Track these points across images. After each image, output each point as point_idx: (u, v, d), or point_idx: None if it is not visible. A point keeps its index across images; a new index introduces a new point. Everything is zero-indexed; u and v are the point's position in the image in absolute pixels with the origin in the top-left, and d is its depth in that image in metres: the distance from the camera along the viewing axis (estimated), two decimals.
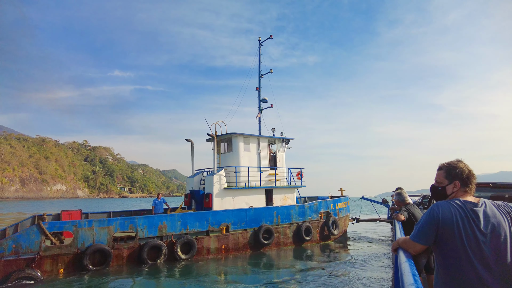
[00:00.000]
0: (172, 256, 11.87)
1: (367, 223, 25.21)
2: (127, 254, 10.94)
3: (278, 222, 15.43)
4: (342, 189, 22.12)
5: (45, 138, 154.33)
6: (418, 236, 2.40)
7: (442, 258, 2.28)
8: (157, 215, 12.13)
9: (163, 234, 11.90)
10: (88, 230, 10.11)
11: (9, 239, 8.82)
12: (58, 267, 9.52)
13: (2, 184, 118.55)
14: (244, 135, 16.97)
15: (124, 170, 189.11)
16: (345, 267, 11.46)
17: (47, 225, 9.38)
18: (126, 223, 11.01)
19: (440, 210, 2.29)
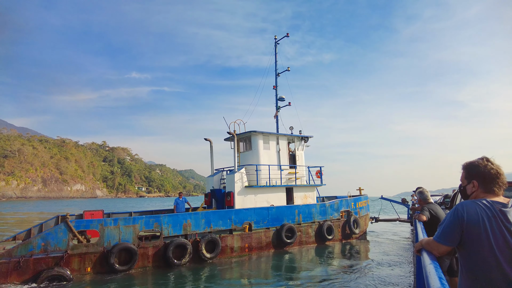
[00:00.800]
0: (197, 255, 11.59)
1: (386, 223, 24.61)
2: (152, 253, 10.69)
3: (300, 221, 15.08)
4: (360, 188, 21.72)
5: (65, 140, 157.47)
6: (443, 237, 2.29)
7: (467, 260, 2.16)
8: (182, 213, 11.89)
9: (188, 232, 11.64)
10: (114, 229, 9.89)
11: (38, 237, 8.65)
12: (86, 266, 9.32)
13: (26, 184, 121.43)
14: (263, 133, 16.63)
15: (141, 170, 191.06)
16: (367, 268, 11.04)
17: (74, 223, 9.21)
18: (151, 222, 10.78)
19: (465, 210, 2.17)
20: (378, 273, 10.17)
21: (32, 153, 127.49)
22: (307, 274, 10.38)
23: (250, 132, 16.30)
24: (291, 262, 12.26)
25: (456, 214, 2.19)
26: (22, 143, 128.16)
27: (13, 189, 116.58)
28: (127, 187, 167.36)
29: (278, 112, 19.25)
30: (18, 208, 55.65)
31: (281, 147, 17.31)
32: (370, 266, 11.28)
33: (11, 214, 41.64)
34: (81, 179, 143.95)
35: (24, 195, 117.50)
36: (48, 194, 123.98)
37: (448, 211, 2.59)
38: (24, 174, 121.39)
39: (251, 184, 15.53)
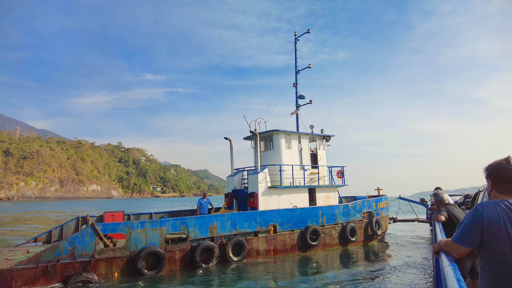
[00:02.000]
0: (224, 258, 11.07)
1: (405, 224, 23.81)
2: (179, 257, 10.16)
3: (323, 223, 14.45)
4: (379, 188, 21.07)
5: (81, 141, 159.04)
6: (461, 238, 2.20)
7: (488, 262, 2.07)
8: (208, 215, 11.33)
9: (214, 235, 11.10)
10: (141, 232, 9.37)
11: (65, 241, 8.18)
12: (113, 271, 8.81)
13: (44, 185, 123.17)
14: (285, 132, 16.01)
15: (156, 170, 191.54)
16: (388, 271, 10.57)
17: (101, 226, 8.73)
18: (178, 224, 10.24)
19: (485, 210, 2.08)
20: (399, 276, 9.73)
21: (50, 154, 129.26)
22: (333, 278, 9.84)
23: (272, 131, 15.70)
24: (317, 265, 11.64)
25: (475, 215, 2.10)
26: (40, 145, 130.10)
27: (32, 190, 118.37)
28: (142, 187, 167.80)
29: (298, 110, 18.59)
30: (38, 208, 56.12)
31: (303, 147, 16.67)
32: (391, 269, 10.83)
33: (30, 213, 41.87)
34: (97, 180, 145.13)
35: (43, 195, 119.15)
36: (65, 195, 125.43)
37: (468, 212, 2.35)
38: (42, 175, 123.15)
39: (274, 184, 14.93)
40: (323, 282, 9.31)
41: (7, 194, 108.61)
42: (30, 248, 9.71)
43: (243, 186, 16.67)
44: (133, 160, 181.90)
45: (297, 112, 18.54)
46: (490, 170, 2.23)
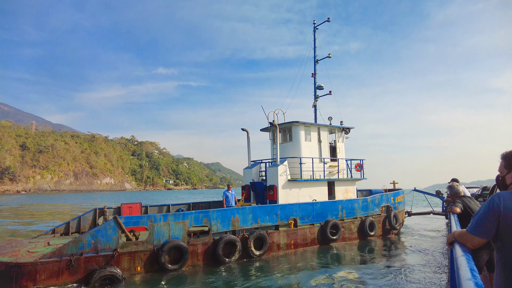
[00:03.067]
0: (246, 252, 10.67)
1: (420, 217, 23.16)
2: (202, 251, 9.77)
3: (343, 217, 14.01)
4: (395, 181, 20.48)
5: (95, 135, 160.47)
6: (476, 229, 2.12)
7: (504, 253, 2.00)
8: (229, 208, 10.92)
9: (236, 228, 10.69)
10: (164, 225, 8.97)
11: (88, 235, 7.83)
12: (136, 265, 8.43)
13: (59, 178, 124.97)
14: (305, 124, 15.46)
15: (169, 163, 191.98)
16: (406, 265, 10.33)
17: (123, 219, 8.37)
18: (200, 217, 9.83)
19: (501, 200, 2.00)
20: (416, 270, 9.49)
21: (64, 148, 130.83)
22: (354, 272, 9.44)
23: (292, 122, 15.16)
24: (338, 260, 11.19)
25: (492, 205, 2.04)
26: (55, 139, 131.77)
27: (47, 183, 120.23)
28: (155, 180, 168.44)
29: (316, 101, 18.00)
30: (54, 200, 56.80)
31: (322, 139, 16.12)
32: (408, 263, 10.59)
33: (47, 205, 42.30)
34: (111, 173, 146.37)
35: (58, 188, 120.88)
36: (79, 187, 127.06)
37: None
38: (57, 168, 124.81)
39: (294, 177, 14.44)
40: (344, 277, 8.86)
41: (24, 187, 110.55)
42: (50, 240, 9.43)
43: (261, 179, 16.25)
44: (146, 154, 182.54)
45: (315, 103, 17.95)
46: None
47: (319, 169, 15.40)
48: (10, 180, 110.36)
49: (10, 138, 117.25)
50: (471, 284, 1.43)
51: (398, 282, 8.20)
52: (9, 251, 7.91)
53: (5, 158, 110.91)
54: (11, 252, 7.73)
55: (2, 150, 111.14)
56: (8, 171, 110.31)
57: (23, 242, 9.17)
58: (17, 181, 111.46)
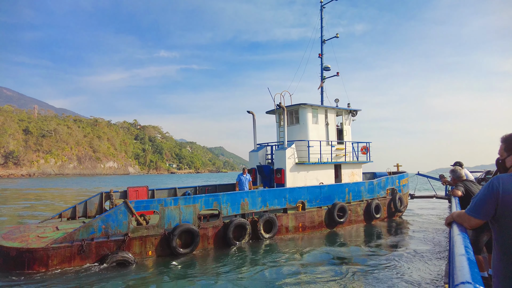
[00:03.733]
0: (255, 235, 10.57)
1: (423, 200, 23.10)
2: (212, 234, 9.63)
3: (349, 200, 13.88)
4: (398, 164, 20.30)
5: (98, 119, 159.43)
6: (475, 210, 2.15)
7: (501, 235, 2.03)
8: (239, 192, 10.70)
9: (245, 211, 10.53)
10: (174, 209, 8.74)
11: (99, 220, 7.62)
12: (147, 249, 8.28)
13: (63, 162, 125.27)
14: (312, 106, 15.08)
15: (172, 147, 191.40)
16: (409, 246, 10.41)
17: (134, 204, 8.15)
18: (210, 201, 9.62)
19: (500, 183, 2.02)
20: (419, 252, 9.43)
21: (67, 133, 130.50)
22: (360, 255, 9.37)
23: (299, 104, 14.78)
24: (345, 243, 11.08)
25: (491, 187, 2.05)
26: (58, 123, 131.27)
27: (51, 167, 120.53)
28: (158, 164, 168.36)
29: (323, 83, 17.54)
30: (58, 184, 56.99)
31: (330, 121, 15.79)
32: (412, 246, 10.46)
33: (52, 189, 42.43)
34: (114, 157, 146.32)
35: (62, 172, 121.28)
36: (83, 171, 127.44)
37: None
38: (60, 153, 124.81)
39: (301, 161, 14.20)
40: (352, 260, 8.78)
41: (29, 171, 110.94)
42: (59, 225, 9.26)
43: (267, 162, 16.03)
44: (149, 138, 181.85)
45: (322, 85, 17.49)
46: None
47: (326, 152, 15.15)
48: (15, 164, 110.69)
49: (13, 123, 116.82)
50: (463, 259, 1.46)
51: (402, 265, 8.14)
52: (18, 236, 7.73)
53: (9, 143, 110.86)
54: (21, 237, 7.55)
55: (5, 134, 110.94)
56: (12, 155, 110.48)
57: (31, 227, 8.96)
58: (21, 165, 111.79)
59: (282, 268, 7.82)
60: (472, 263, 1.41)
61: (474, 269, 1.32)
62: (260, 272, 7.59)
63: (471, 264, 1.39)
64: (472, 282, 1.18)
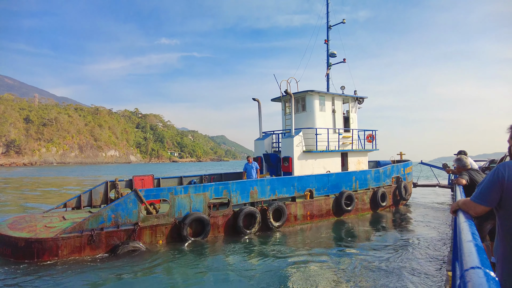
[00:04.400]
0: (265, 224, 10.36)
1: (426, 189, 22.96)
2: (222, 223, 9.40)
3: (356, 188, 13.66)
4: (402, 153, 20.09)
5: (99, 107, 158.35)
6: (480, 197, 2.11)
7: (505, 220, 2.01)
8: (248, 180, 10.43)
9: (254, 200, 10.29)
10: (185, 198, 8.47)
11: (108, 209, 7.34)
12: (157, 239, 8.04)
13: (64, 151, 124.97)
14: (319, 93, 14.72)
15: (174, 136, 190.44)
16: (414, 234, 10.38)
17: (144, 192, 7.87)
18: (220, 189, 9.35)
19: (506, 170, 1.99)
20: (423, 240, 9.42)
21: (68, 121, 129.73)
22: (371, 244, 9.24)
23: (306, 91, 14.39)
24: (353, 232, 10.95)
25: (496, 174, 2.02)
26: (58, 112, 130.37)
27: (53, 156, 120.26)
28: (160, 153, 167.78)
29: (329, 70, 17.11)
30: (60, 173, 56.83)
31: (336, 109, 15.45)
32: (417, 233, 10.45)
33: (53, 178, 42.26)
34: (115, 145, 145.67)
35: (63, 161, 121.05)
36: (84, 160, 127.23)
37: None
38: (62, 141, 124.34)
39: (309, 149, 13.92)
40: (358, 249, 8.60)
41: (30, 159, 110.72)
42: (65, 214, 8.99)
43: (273, 150, 15.76)
44: (150, 126, 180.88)
45: (328, 72, 17.07)
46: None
47: (333, 140, 14.87)
48: (16, 153, 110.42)
49: (14, 111, 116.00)
50: (471, 245, 1.47)
51: (406, 254, 8.04)
52: (24, 226, 7.44)
53: (10, 132, 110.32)
54: (28, 227, 7.27)
55: (6, 123, 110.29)
56: (14, 144, 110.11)
57: (36, 217, 8.63)
58: (23, 154, 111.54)
59: (291, 258, 7.63)
60: (480, 249, 1.41)
61: (482, 255, 1.31)
62: (272, 263, 7.38)
63: (479, 250, 1.38)
64: (482, 267, 1.15)
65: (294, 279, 6.35)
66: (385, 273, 6.62)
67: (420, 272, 6.61)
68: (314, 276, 6.45)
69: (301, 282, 6.15)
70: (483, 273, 1.10)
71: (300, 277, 6.45)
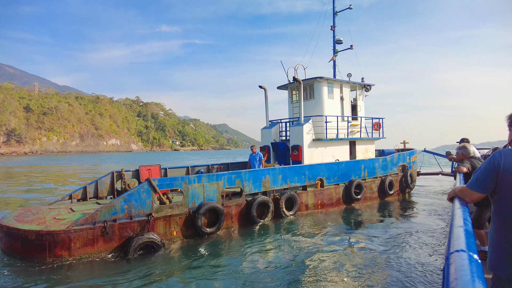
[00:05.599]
0: (277, 213, 10.02)
1: (429, 177, 22.71)
2: (236, 212, 9.03)
3: (365, 176, 13.36)
4: (405, 141, 19.76)
5: (99, 96, 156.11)
6: (475, 184, 2.12)
7: (500, 208, 2.02)
8: (260, 169, 10.01)
9: (267, 189, 9.92)
10: (198, 187, 8.06)
11: (121, 199, 6.89)
12: (171, 230, 7.64)
13: (65, 140, 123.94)
14: (328, 80, 14.21)
15: (175, 124, 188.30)
16: (418, 222, 10.39)
17: (157, 182, 7.43)
18: (233, 178, 8.91)
19: (502, 157, 1.98)
20: (427, 228, 9.38)
21: (68, 110, 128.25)
22: (379, 232, 9.01)
23: (315, 78, 13.88)
24: (364, 220, 10.70)
25: (492, 161, 2.02)
26: (58, 101, 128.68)
27: (54, 144, 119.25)
28: (162, 141, 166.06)
29: (335, 56, 16.53)
30: (62, 162, 56.25)
31: (345, 96, 14.97)
32: (421, 222, 10.35)
33: (55, 166, 41.77)
34: (116, 134, 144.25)
35: (64, 149, 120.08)
36: (85, 149, 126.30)
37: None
38: (62, 130, 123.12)
39: (318, 137, 13.50)
40: (369, 239, 8.33)
41: (31, 148, 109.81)
42: (73, 206, 8.49)
43: (280, 139, 15.33)
44: (152, 115, 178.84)
45: (334, 59, 16.49)
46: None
47: (342, 128, 14.46)
48: (17, 142, 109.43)
49: (13, 100, 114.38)
50: (460, 230, 1.47)
51: (411, 241, 7.94)
52: (32, 218, 6.96)
53: (10, 121, 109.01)
54: (36, 220, 6.80)
55: (6, 112, 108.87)
56: (14, 133, 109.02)
57: (42, 209, 8.12)
58: (24, 143, 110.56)
59: (308, 249, 7.30)
60: (469, 234, 1.40)
61: (470, 239, 1.32)
62: (289, 253, 7.04)
63: (467, 235, 1.39)
64: (467, 250, 1.17)
65: (318, 271, 6.00)
66: (390, 261, 6.48)
67: (421, 262, 6.46)
68: (331, 269, 6.12)
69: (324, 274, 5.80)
70: (467, 256, 1.11)
71: (323, 270, 6.10)
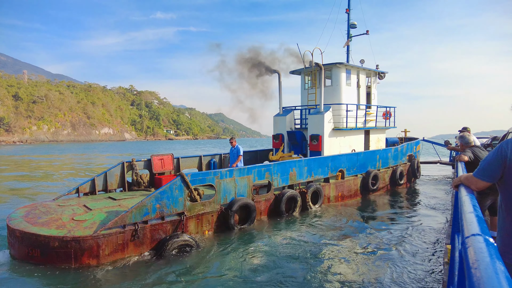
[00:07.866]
0: (304, 207, 9.29)
1: (428, 166, 22.44)
2: (265, 207, 8.23)
3: (379, 167, 12.86)
4: (406, 130, 19.31)
5: (92, 84, 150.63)
6: (482, 173, 2.09)
7: (507, 195, 1.99)
8: (287, 162, 9.20)
9: (294, 182, 9.16)
10: (230, 182, 7.19)
11: (153, 198, 5.94)
12: (203, 229, 6.81)
13: (56, 129, 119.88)
14: (346, 66, 13.36)
15: (169, 113, 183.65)
16: (420, 211, 10.39)
17: (189, 177, 6.49)
18: (263, 171, 8.07)
19: (509, 146, 1.95)
20: (432, 217, 9.37)
21: (59, 98, 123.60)
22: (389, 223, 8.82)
23: (333, 64, 13.00)
24: (382, 211, 10.40)
25: (499, 150, 1.98)
26: (49, 89, 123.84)
27: (44, 133, 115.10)
28: (156, 130, 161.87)
29: (349, 41, 15.61)
30: (54, 151, 54.04)
31: (361, 83, 14.19)
32: (423, 211, 10.33)
33: (48, 156, 40.04)
34: (109, 123, 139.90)
35: (55, 139, 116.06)
36: (77, 138, 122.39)
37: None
38: (53, 119, 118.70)
39: (337, 126, 12.73)
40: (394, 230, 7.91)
41: (21, 137, 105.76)
42: (86, 202, 7.39)
43: (295, 128, 14.47)
44: (146, 103, 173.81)
45: (348, 44, 15.59)
46: None
47: (359, 116, 13.75)
48: (6, 131, 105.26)
49: (1, 88, 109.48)
50: (472, 216, 1.47)
51: (415, 229, 7.93)
52: (46, 219, 5.89)
53: None
54: (53, 221, 5.75)
55: None
56: (3, 122, 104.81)
57: (51, 206, 6.98)
58: (13, 132, 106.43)
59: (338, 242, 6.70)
60: (481, 219, 1.42)
61: (483, 224, 1.33)
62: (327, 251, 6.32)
63: (479, 220, 1.40)
64: (482, 234, 1.18)
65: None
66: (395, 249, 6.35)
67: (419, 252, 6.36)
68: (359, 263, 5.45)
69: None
70: (483, 239, 1.12)
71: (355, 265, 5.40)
